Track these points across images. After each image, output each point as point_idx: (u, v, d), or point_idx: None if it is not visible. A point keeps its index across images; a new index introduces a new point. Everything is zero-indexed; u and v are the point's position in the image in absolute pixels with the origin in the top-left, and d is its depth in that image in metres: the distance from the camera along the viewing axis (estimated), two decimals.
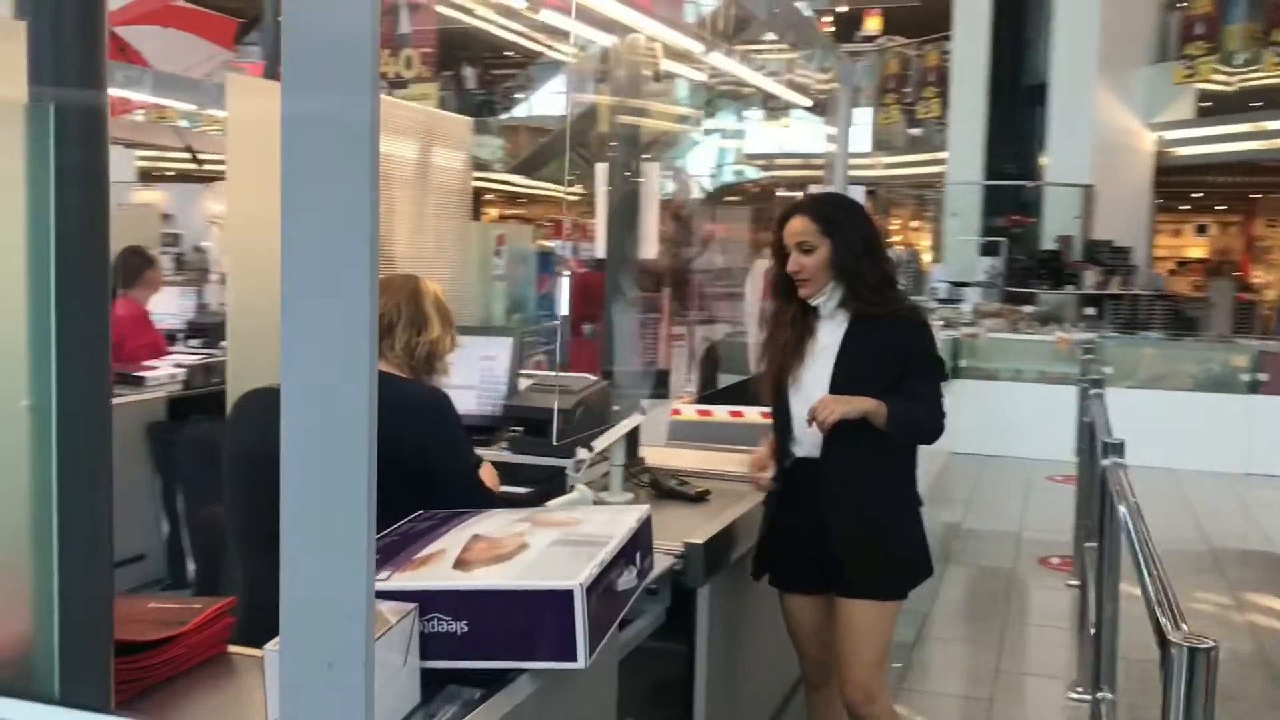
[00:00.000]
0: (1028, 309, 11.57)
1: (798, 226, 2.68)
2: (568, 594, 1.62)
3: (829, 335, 2.72)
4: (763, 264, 3.54)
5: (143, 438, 4.71)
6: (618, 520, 1.98)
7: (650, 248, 3.30)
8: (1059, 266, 12.91)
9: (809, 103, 4.65)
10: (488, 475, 2.54)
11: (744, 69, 4.14)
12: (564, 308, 7.24)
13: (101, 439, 1.50)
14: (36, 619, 1.48)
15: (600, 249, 3.36)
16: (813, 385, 2.69)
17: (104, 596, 1.53)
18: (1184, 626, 1.28)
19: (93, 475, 1.50)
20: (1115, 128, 13.53)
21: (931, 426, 2.70)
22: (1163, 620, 1.37)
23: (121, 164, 12.04)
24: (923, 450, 2.84)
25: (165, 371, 4.64)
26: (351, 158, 1.24)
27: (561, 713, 1.72)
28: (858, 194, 4.78)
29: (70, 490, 1.47)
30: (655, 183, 3.25)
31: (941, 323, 10.01)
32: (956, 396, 8.87)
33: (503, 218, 20.88)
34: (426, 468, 2.26)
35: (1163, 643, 1.27)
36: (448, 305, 2.46)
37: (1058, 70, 13.62)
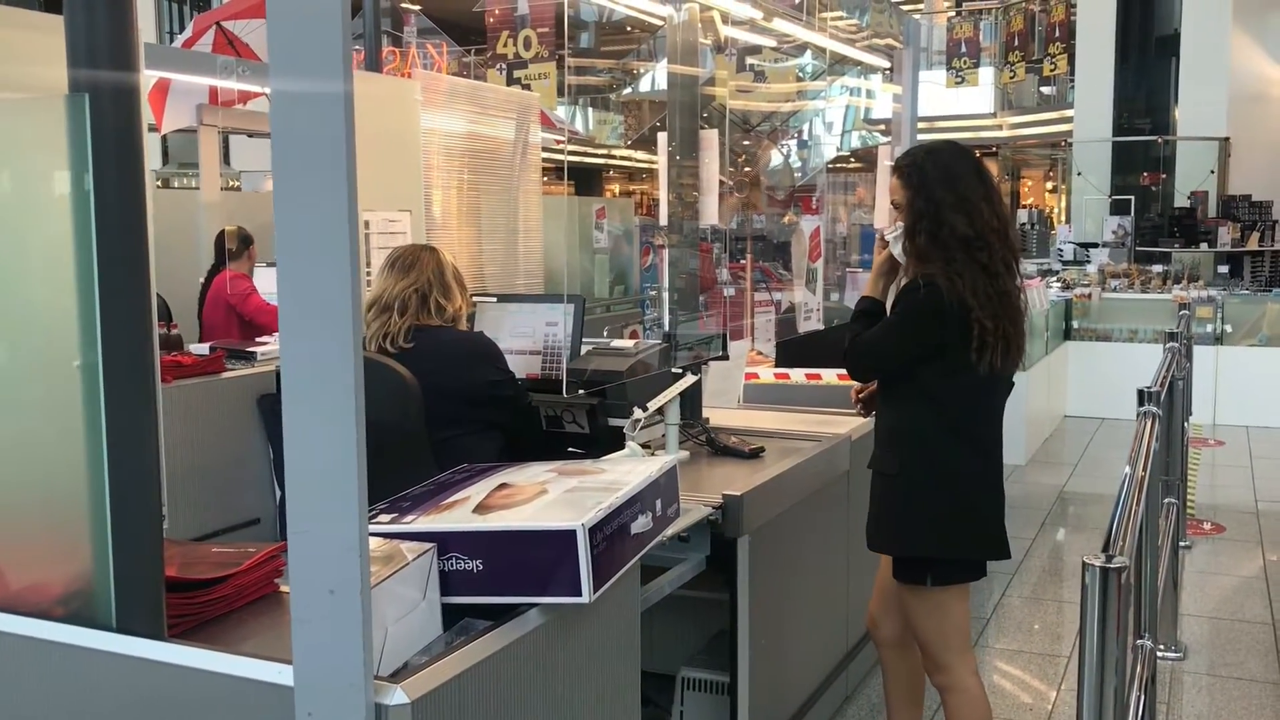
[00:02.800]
0: (1158, 269, 11.18)
1: (891, 183, 2.68)
2: (571, 533, 1.74)
3: None
4: (808, 225, 3.59)
5: (254, 409, 4.97)
6: (638, 470, 2.08)
7: (710, 215, 3.37)
8: (1192, 224, 12.40)
9: (886, 64, 4.63)
10: None
11: (819, 36, 4.17)
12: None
13: (146, 394, 1.67)
14: (94, 557, 1.67)
15: (663, 217, 3.44)
16: None
17: (154, 537, 1.70)
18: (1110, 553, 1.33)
19: (139, 427, 1.67)
20: (1253, 75, 12.90)
21: (849, 343, 2.66)
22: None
23: (257, 154, 12.62)
24: (1036, 413, 2.79)
25: (275, 347, 4.92)
26: (330, 130, 1.37)
27: (570, 645, 1.84)
28: None
29: (119, 442, 1.65)
30: (714, 150, 3.31)
31: (1060, 284, 9.77)
32: (1067, 359, 8.67)
33: (625, 194, 21.06)
34: (486, 395, 2.84)
35: (1084, 565, 1.32)
36: (460, 273, 2.80)
37: (1190, 18, 13.05)
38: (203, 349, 3.66)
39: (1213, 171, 12.85)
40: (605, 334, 5.94)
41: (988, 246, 2.53)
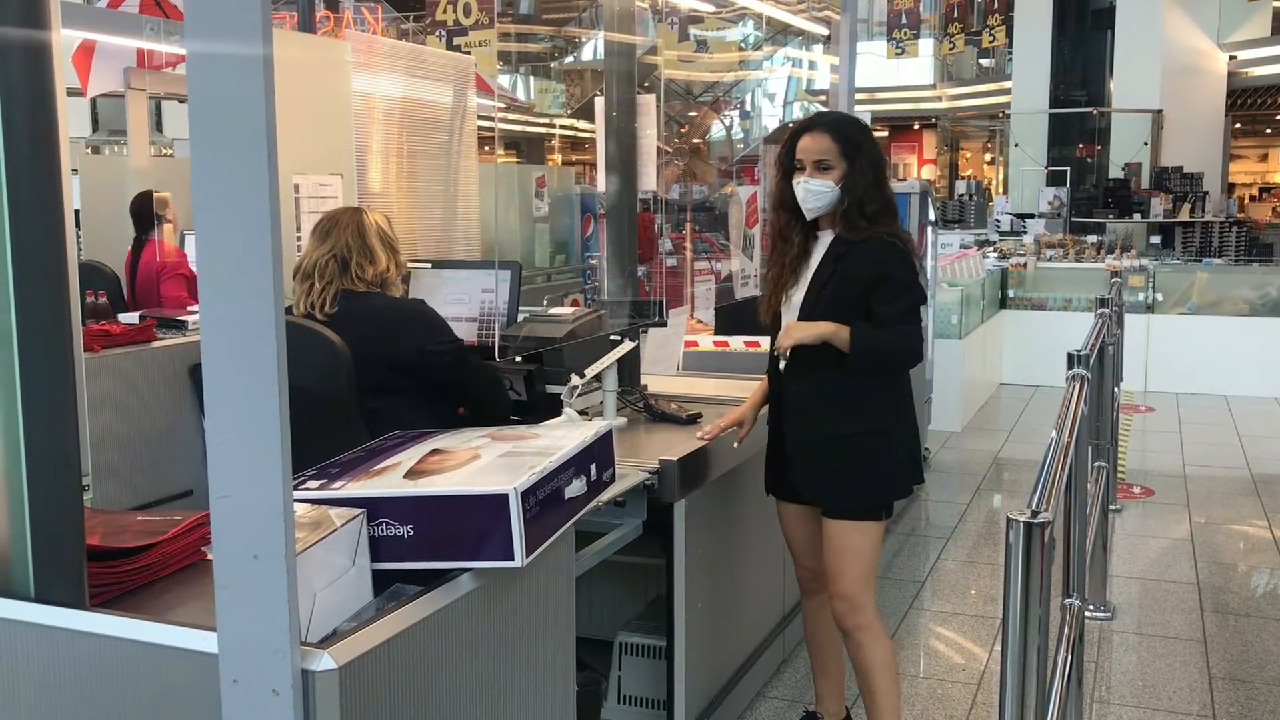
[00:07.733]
0: (1092, 239, 11.36)
1: (819, 144, 2.67)
2: (503, 497, 1.73)
3: (816, 255, 2.75)
4: (745, 192, 3.58)
5: (186, 378, 4.90)
6: (572, 435, 2.07)
7: (649, 182, 3.35)
8: (1126, 195, 12.63)
9: (826, 32, 4.63)
10: None
11: (759, 3, 4.15)
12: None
13: (63, 359, 1.63)
14: (10, 526, 1.63)
15: (601, 184, 3.41)
16: (798, 305, 2.74)
17: (74, 505, 1.67)
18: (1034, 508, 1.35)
19: (57, 394, 1.63)
20: (1185, 49, 13.12)
21: (900, 351, 2.67)
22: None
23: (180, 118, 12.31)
24: (972, 381, 2.86)
25: None
26: (248, 92, 1.34)
27: (502, 610, 1.83)
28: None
29: (35, 409, 1.60)
30: (651, 116, 3.29)
31: (996, 254, 9.89)
32: (1002, 327, 8.79)
33: (567, 164, 20.93)
34: (417, 363, 2.74)
35: (1008, 521, 1.34)
36: (392, 234, 2.71)
37: None
38: (132, 318, 3.57)
39: (1146, 144, 13.08)
40: (545, 303, 5.91)
41: (894, 213, 2.79)
